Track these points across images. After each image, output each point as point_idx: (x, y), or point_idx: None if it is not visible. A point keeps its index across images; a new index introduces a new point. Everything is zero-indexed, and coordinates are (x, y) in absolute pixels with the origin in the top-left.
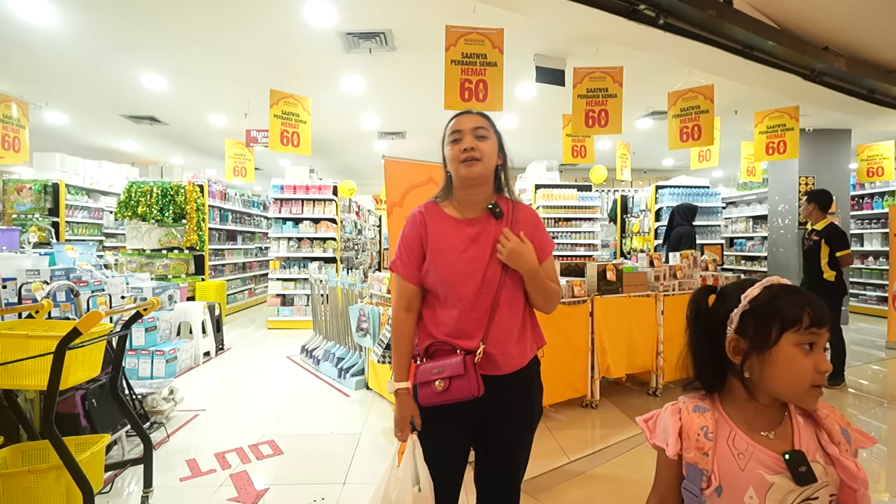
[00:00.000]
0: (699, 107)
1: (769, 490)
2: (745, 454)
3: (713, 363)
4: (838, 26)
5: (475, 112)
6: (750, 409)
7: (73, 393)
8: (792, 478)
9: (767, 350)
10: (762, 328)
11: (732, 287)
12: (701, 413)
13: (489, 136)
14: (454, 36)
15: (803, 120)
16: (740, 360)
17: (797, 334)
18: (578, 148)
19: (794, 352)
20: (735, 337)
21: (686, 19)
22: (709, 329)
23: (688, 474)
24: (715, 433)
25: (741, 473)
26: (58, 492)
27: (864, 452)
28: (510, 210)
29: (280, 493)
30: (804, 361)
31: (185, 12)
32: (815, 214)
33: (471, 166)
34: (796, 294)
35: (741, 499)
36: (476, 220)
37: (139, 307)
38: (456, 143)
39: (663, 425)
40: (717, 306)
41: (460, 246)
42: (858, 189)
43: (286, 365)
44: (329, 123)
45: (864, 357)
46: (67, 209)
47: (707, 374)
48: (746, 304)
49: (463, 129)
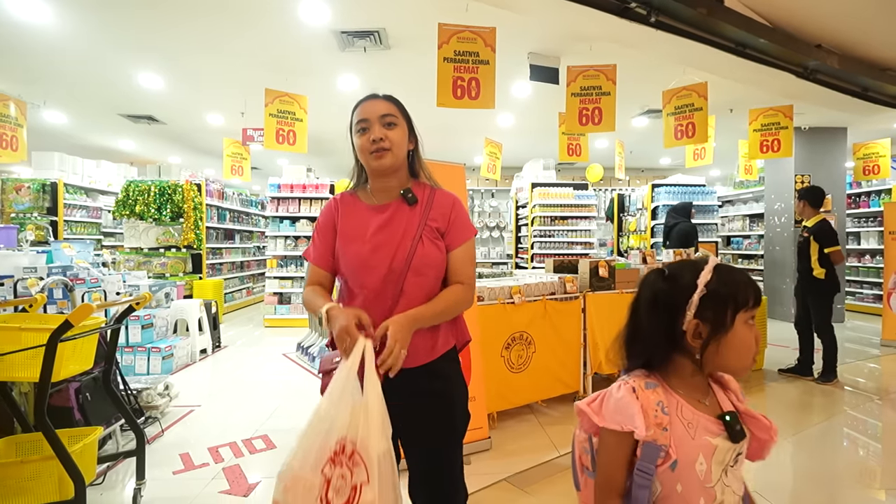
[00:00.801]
0: (693, 104)
1: (714, 453)
2: (693, 423)
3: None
4: (831, 24)
5: (381, 96)
6: (691, 381)
7: (67, 386)
8: (729, 437)
9: (724, 332)
10: (720, 311)
11: (679, 269)
12: (653, 389)
13: (398, 123)
14: (447, 34)
15: (799, 118)
16: (700, 343)
17: (745, 313)
18: (574, 146)
19: (744, 329)
20: (696, 321)
21: (677, 17)
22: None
23: (644, 454)
24: (668, 408)
25: (693, 442)
26: (50, 482)
27: (861, 451)
28: (425, 196)
29: (272, 485)
30: (750, 336)
31: (182, 12)
32: (807, 211)
33: (380, 157)
34: (741, 275)
35: (693, 468)
36: (387, 207)
37: (131, 301)
38: (363, 133)
39: (619, 407)
40: (671, 288)
41: (367, 234)
42: (855, 187)
43: (282, 362)
44: (326, 122)
45: (859, 354)
46: (66, 208)
47: (660, 354)
48: (704, 289)
49: (370, 117)
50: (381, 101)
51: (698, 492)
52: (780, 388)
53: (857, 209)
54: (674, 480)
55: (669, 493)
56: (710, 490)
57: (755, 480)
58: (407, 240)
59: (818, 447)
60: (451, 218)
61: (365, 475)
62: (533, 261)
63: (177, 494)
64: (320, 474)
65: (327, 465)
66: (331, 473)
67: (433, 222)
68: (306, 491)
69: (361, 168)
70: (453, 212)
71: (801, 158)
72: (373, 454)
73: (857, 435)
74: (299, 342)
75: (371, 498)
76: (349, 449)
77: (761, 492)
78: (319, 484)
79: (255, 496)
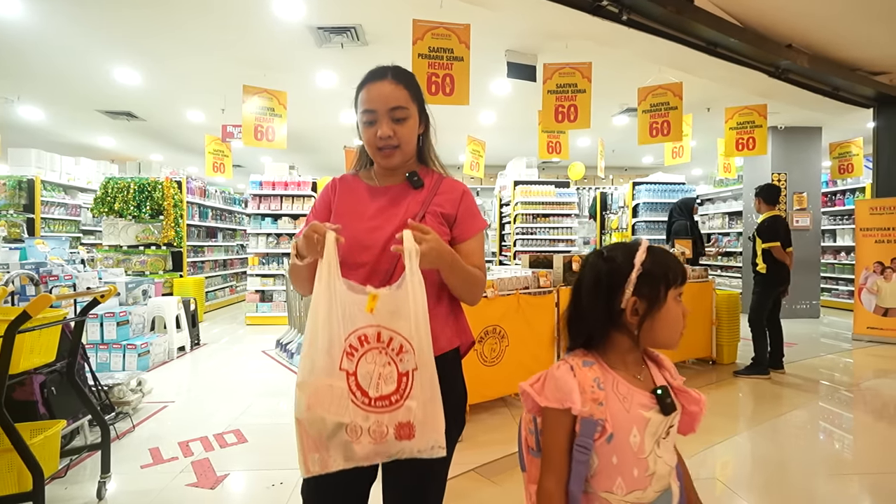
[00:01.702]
0: (668, 103)
1: (647, 425)
2: (627, 397)
3: (604, 322)
4: (800, 24)
5: (391, 76)
6: (626, 358)
7: (32, 379)
8: (660, 410)
9: (658, 307)
10: (655, 288)
11: (616, 251)
12: (590, 367)
13: (409, 115)
14: (421, 30)
15: (775, 118)
16: (637, 318)
17: (675, 289)
18: (554, 144)
19: (674, 305)
20: (634, 299)
21: (648, 15)
22: (607, 291)
23: (582, 429)
24: (604, 384)
25: (627, 416)
26: (10, 475)
27: (836, 444)
28: (432, 181)
29: (239, 477)
30: (679, 311)
31: (156, 8)
32: (762, 208)
33: (389, 156)
34: (669, 254)
35: (627, 440)
36: (389, 189)
37: (95, 294)
38: (370, 126)
39: (558, 385)
40: (611, 268)
41: (366, 213)
42: (831, 186)
43: (261, 359)
44: (308, 120)
45: (831, 348)
46: (43, 205)
47: (599, 332)
48: (640, 268)
49: (377, 108)
50: (391, 84)
51: (632, 463)
52: (749, 381)
53: (832, 207)
54: (610, 453)
55: (605, 465)
56: (644, 461)
57: (721, 470)
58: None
59: (778, 437)
60: (461, 208)
61: (413, 360)
62: (515, 258)
63: (143, 488)
64: (339, 371)
65: (344, 358)
66: (353, 367)
67: (438, 207)
68: (337, 392)
69: (365, 151)
70: (463, 202)
71: (778, 157)
72: (413, 334)
73: (815, 424)
74: (278, 339)
75: (424, 379)
76: (387, 337)
77: (722, 479)
78: (343, 384)
79: (223, 488)
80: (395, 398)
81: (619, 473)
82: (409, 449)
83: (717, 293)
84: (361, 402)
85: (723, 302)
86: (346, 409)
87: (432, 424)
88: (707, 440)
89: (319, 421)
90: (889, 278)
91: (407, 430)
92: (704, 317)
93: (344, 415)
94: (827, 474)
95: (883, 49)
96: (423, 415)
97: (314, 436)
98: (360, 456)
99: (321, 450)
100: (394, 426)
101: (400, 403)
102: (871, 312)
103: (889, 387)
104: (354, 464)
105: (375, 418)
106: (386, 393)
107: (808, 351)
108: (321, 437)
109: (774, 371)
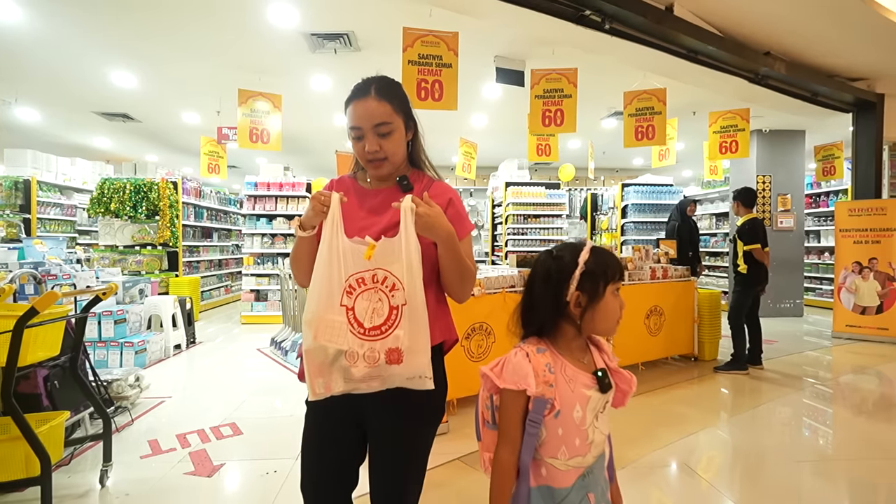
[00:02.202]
0: (653, 108)
1: (588, 402)
2: (573, 379)
3: (553, 313)
4: (777, 33)
5: (373, 93)
6: (572, 345)
7: (36, 373)
8: (600, 389)
9: (598, 300)
10: (595, 284)
11: (564, 250)
12: (542, 353)
13: (394, 130)
14: (411, 38)
15: (759, 121)
16: (580, 310)
17: (613, 285)
18: (543, 147)
19: (611, 298)
20: (577, 293)
21: (630, 25)
22: (555, 286)
23: (534, 407)
24: (554, 368)
25: (572, 395)
26: (17, 460)
27: (805, 433)
28: (422, 185)
29: (235, 466)
30: (616, 304)
31: (152, 13)
32: (741, 211)
33: (378, 167)
34: (609, 254)
35: (571, 415)
36: (381, 192)
37: (98, 291)
38: (358, 141)
39: (515, 370)
40: (558, 265)
41: (359, 214)
42: (816, 188)
43: (256, 357)
44: (303, 122)
45: (810, 346)
46: (39, 206)
47: (549, 322)
48: (583, 266)
49: (363, 125)
50: (374, 100)
51: (575, 433)
52: (728, 376)
53: (817, 208)
54: (556, 426)
55: (552, 436)
56: (584, 431)
57: (694, 457)
58: (394, 221)
59: (750, 427)
60: (449, 212)
61: (402, 295)
62: (507, 258)
63: (143, 476)
64: (340, 307)
65: (344, 296)
66: (351, 303)
67: None
68: (337, 324)
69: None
70: (450, 206)
71: (763, 160)
72: (404, 274)
73: (786, 416)
74: (273, 337)
75: (413, 309)
76: (381, 276)
77: (694, 466)
78: (343, 318)
79: (219, 476)
80: (384, 328)
81: (563, 443)
82: (398, 375)
83: (699, 292)
84: (358, 332)
85: (704, 301)
86: (345, 338)
87: (417, 352)
88: (684, 430)
89: (323, 349)
90: (866, 278)
91: (396, 354)
92: (687, 315)
93: (343, 343)
94: (793, 461)
95: (856, 57)
96: (409, 342)
97: (318, 363)
98: (357, 377)
99: (325, 374)
100: (384, 351)
101: (389, 332)
102: (850, 311)
103: (862, 382)
104: (353, 385)
105: (369, 345)
106: (377, 324)
107: (789, 348)
108: (325, 363)
109: (753, 367)
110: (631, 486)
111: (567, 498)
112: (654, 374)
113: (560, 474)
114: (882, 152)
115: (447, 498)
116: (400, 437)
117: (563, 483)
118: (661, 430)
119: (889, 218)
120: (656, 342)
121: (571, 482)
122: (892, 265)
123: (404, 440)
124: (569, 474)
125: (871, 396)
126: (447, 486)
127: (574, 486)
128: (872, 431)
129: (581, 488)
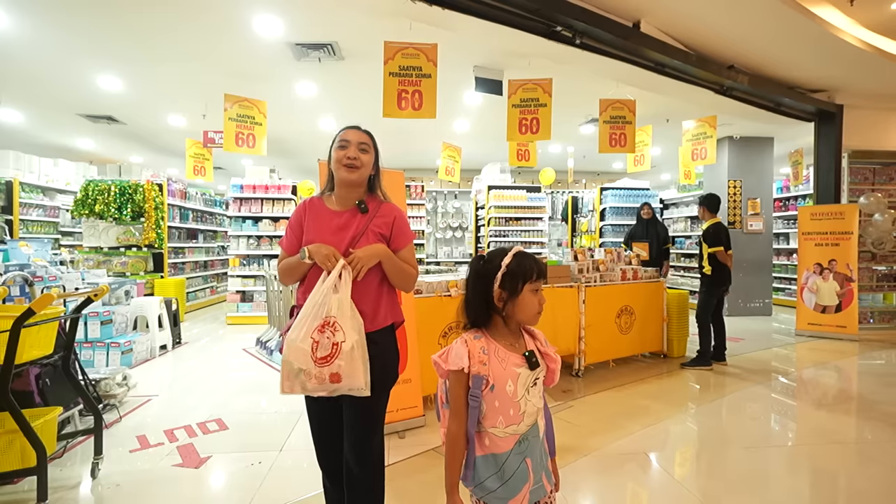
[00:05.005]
0: (625, 118)
1: (518, 378)
2: (505, 360)
3: (484, 307)
4: (739, 48)
5: (363, 129)
6: (504, 332)
7: (28, 371)
8: (528, 366)
9: (517, 296)
10: (514, 282)
11: (494, 254)
12: (478, 339)
13: (369, 151)
14: (392, 50)
15: (729, 128)
16: (502, 304)
17: (531, 284)
18: (523, 152)
19: (530, 295)
20: (499, 290)
21: (600, 40)
22: (483, 284)
23: (473, 383)
24: (488, 350)
25: (504, 372)
26: (14, 453)
27: (759, 421)
28: (375, 207)
29: (221, 458)
30: (534, 300)
31: (137, 19)
32: (706, 215)
33: (351, 171)
34: (530, 258)
35: (504, 389)
36: (344, 213)
37: (89, 293)
38: (343, 149)
39: (456, 354)
40: (486, 268)
41: (328, 232)
42: (785, 192)
43: (241, 356)
44: (288, 125)
45: (775, 342)
46: (22, 207)
47: (481, 315)
48: (505, 268)
49: (350, 140)
50: (362, 132)
51: (509, 405)
52: (694, 371)
53: (786, 212)
54: (493, 399)
55: (490, 409)
56: (517, 403)
57: (656, 444)
58: (356, 238)
59: (710, 417)
60: (394, 228)
61: (343, 336)
62: None
63: (133, 468)
64: (310, 339)
65: (315, 332)
66: (319, 338)
67: (377, 228)
68: (302, 352)
69: (332, 178)
70: (395, 223)
71: (734, 165)
72: (346, 322)
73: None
74: (258, 337)
75: (347, 348)
76: (332, 321)
77: (653, 453)
78: (310, 346)
79: (206, 468)
80: (329, 358)
81: (500, 413)
82: (341, 388)
83: (668, 292)
84: (314, 358)
85: (673, 300)
86: (305, 361)
87: (353, 375)
88: (647, 421)
89: (290, 364)
90: (826, 278)
91: (336, 377)
92: (656, 314)
93: (304, 364)
94: (745, 447)
95: (814, 71)
96: (347, 369)
97: (286, 372)
98: (310, 388)
99: (290, 381)
100: (328, 375)
101: (332, 361)
102: (812, 310)
103: (819, 376)
104: (308, 392)
105: (318, 369)
106: (324, 355)
107: (753, 345)
108: (290, 374)
109: (717, 363)
110: (594, 472)
111: (507, 461)
112: (625, 370)
113: (500, 440)
114: (841, 160)
115: (427, 482)
116: (357, 401)
117: (503, 448)
118: (626, 420)
119: (847, 222)
120: (627, 340)
121: (510, 447)
122: (849, 266)
123: (360, 403)
124: (507, 440)
125: (825, 389)
126: (426, 473)
127: (512, 451)
128: (821, 420)
129: (519, 454)
